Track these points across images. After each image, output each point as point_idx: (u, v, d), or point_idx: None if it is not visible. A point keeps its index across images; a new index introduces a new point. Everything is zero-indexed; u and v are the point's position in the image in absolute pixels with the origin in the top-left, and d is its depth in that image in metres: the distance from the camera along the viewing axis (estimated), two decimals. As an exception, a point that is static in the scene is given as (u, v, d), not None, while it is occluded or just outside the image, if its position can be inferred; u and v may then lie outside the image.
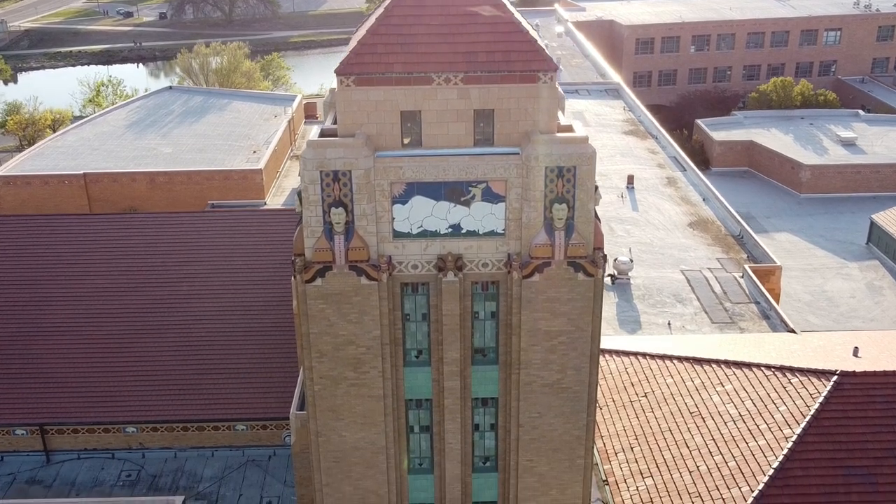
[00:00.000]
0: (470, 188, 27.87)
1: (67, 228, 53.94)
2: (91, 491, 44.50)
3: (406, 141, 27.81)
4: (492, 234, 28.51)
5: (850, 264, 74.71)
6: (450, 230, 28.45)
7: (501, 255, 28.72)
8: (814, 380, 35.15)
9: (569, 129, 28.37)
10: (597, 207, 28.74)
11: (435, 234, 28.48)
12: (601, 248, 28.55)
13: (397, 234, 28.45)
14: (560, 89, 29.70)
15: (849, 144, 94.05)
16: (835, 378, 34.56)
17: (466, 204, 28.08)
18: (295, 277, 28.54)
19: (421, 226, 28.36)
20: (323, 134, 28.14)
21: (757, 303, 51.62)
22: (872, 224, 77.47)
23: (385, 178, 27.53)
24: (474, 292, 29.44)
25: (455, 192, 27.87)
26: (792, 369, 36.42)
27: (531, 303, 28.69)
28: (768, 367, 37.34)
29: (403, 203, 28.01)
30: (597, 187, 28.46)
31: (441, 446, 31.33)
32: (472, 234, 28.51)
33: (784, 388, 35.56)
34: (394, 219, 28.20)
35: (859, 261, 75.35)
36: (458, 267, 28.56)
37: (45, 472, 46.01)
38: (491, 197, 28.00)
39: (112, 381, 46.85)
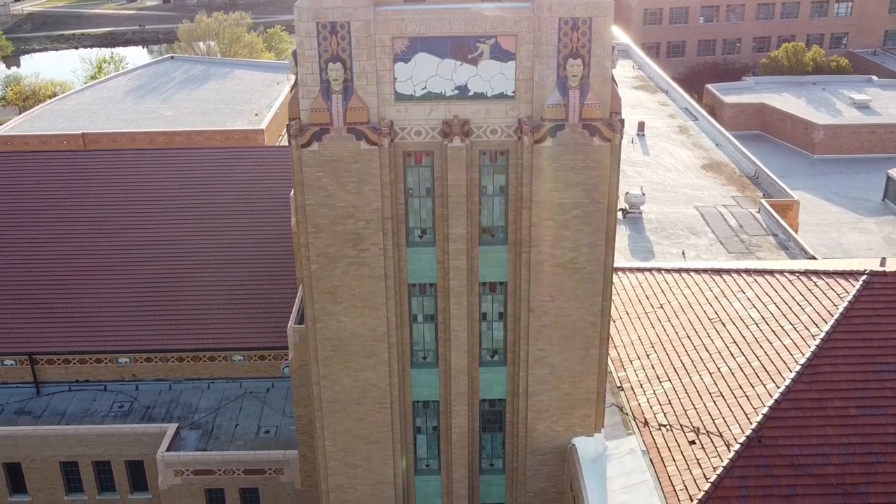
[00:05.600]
0: (477, 44, 25.95)
1: (62, 163, 52.55)
2: (81, 421, 42.83)
3: (408, -5, 25.98)
4: (501, 96, 26.57)
5: (867, 219, 72.78)
6: (456, 92, 26.52)
7: (511, 121, 26.79)
8: (841, 281, 33.07)
9: (583, -19, 26.44)
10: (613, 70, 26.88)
11: (440, 97, 26.56)
12: (618, 112, 26.63)
13: (399, 97, 26.54)
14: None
15: (863, 107, 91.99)
16: (864, 277, 32.51)
17: (474, 62, 26.16)
18: (290, 143, 26.63)
19: (425, 87, 26.45)
20: (319, -13, 26.27)
21: (775, 235, 49.61)
22: (889, 179, 75.62)
23: (386, 33, 25.63)
24: (482, 164, 27.52)
25: (461, 48, 25.95)
26: (817, 272, 34.41)
27: (543, 171, 26.75)
28: (792, 272, 35.36)
29: (406, 61, 26.11)
30: (613, 47, 26.58)
31: (446, 336, 29.35)
32: (479, 96, 26.58)
33: (809, 290, 33.52)
34: (396, 79, 26.29)
35: (876, 216, 73.41)
36: (464, 132, 26.65)
37: (34, 404, 44.38)
38: (500, 54, 26.07)
39: (104, 310, 45.21)
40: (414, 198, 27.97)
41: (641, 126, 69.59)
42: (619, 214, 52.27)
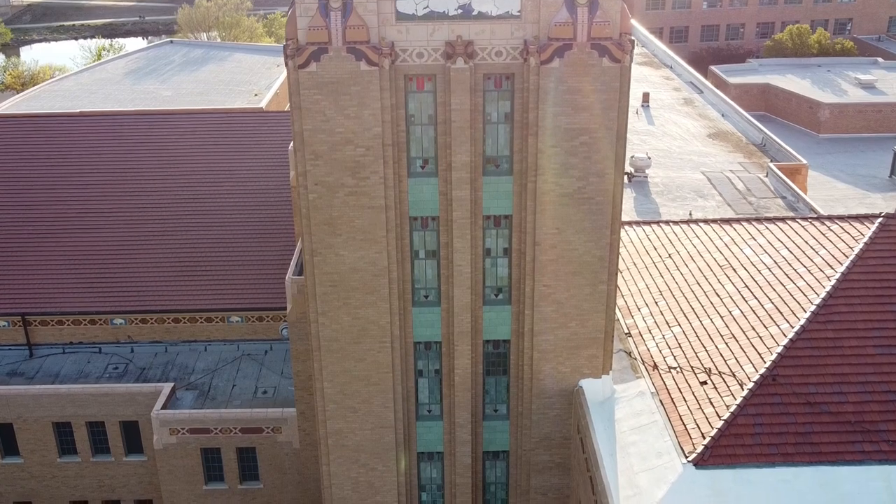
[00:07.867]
0: (481, -41, 25.01)
1: (57, 126, 51.64)
2: (75, 383, 41.76)
3: (411, -90, 24.98)
4: (506, 15, 25.58)
5: (873, 195, 71.70)
6: (459, 11, 25.52)
7: (517, 42, 25.78)
8: (856, 224, 32.11)
9: None
10: None
11: (443, 17, 25.56)
12: (629, 33, 25.62)
13: (401, 16, 25.54)
14: None
15: (868, 87, 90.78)
16: (880, 220, 31.54)
17: (478, -21, 25.22)
18: (287, 64, 25.63)
19: (427, 6, 25.45)
20: None
21: (783, 197, 48.60)
22: (896, 156, 74.51)
23: (387, -54, 24.70)
24: (486, 90, 26.50)
25: (465, -37, 25.02)
26: (831, 217, 33.46)
27: (549, 94, 25.73)
28: (804, 217, 34.37)
29: (407, -23, 25.18)
30: (623, -35, 25.60)
31: (449, 273, 28.31)
32: (483, 16, 25.59)
33: (823, 234, 32.52)
34: (397, -3, 25.35)
35: (883, 192, 72.38)
36: (468, 54, 25.64)
37: (27, 366, 43.42)
38: (505, -29, 25.12)
39: (99, 270, 44.24)
40: (416, 125, 26.96)
41: (646, 97, 68.58)
42: (625, 178, 51.25)
